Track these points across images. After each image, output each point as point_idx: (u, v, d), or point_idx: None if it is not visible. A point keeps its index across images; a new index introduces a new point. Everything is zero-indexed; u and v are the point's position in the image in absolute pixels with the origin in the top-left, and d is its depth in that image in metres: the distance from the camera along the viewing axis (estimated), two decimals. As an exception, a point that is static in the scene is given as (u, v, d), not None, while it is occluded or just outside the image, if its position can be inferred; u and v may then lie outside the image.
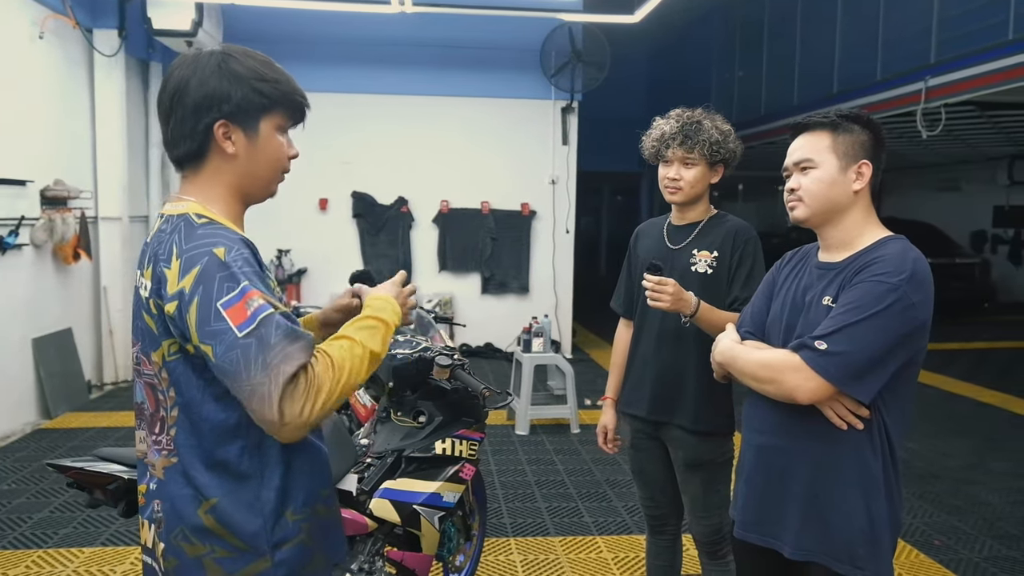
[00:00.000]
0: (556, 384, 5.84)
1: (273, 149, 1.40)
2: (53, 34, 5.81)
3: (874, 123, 1.73)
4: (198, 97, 1.33)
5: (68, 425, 5.47)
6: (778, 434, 1.75)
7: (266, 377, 1.20)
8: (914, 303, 1.57)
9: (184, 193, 1.39)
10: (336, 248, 8.04)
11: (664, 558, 2.62)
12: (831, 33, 8.59)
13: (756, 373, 1.71)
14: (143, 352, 1.36)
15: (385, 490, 2.41)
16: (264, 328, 1.22)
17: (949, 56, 6.77)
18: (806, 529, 1.69)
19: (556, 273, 8.36)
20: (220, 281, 1.23)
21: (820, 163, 1.71)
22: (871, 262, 1.63)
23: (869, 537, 1.65)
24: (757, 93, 10.27)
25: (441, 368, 2.54)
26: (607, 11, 7.53)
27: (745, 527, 1.82)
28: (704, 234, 2.38)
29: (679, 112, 2.40)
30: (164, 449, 1.35)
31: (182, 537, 1.32)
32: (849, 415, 1.63)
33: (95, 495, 1.89)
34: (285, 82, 1.40)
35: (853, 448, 1.65)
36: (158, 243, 1.32)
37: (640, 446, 2.52)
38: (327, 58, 7.62)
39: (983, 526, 3.98)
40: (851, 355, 1.56)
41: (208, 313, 1.22)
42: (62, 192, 5.72)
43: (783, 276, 1.87)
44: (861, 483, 1.65)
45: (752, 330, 1.86)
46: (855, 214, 1.71)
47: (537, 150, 8.22)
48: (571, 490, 4.39)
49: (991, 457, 5.12)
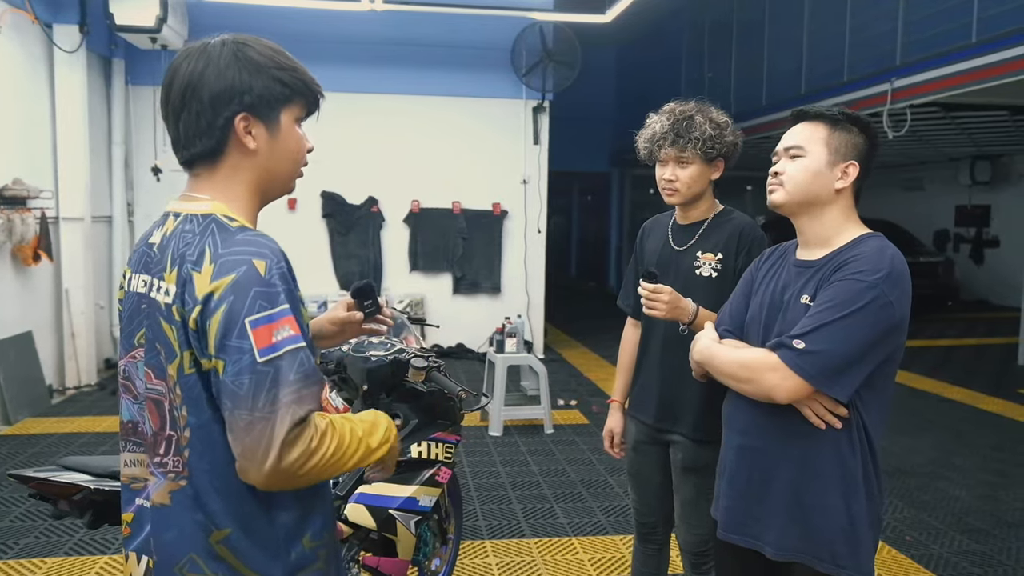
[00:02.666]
0: (529, 385, 5.83)
1: (293, 142, 1.33)
2: (12, 29, 5.65)
3: (872, 129, 1.73)
4: (217, 89, 1.22)
5: (29, 431, 5.31)
6: (758, 434, 1.75)
7: (272, 413, 1.12)
8: (891, 301, 1.58)
9: (197, 191, 1.28)
10: (306, 249, 7.90)
11: (650, 565, 2.58)
12: (799, 34, 8.70)
13: (734, 372, 1.71)
14: (150, 364, 1.25)
15: (360, 495, 2.37)
16: (287, 361, 1.14)
17: (914, 58, 6.89)
18: (788, 529, 1.69)
19: (528, 273, 8.34)
20: (255, 296, 1.14)
21: (809, 152, 1.70)
22: (848, 260, 1.63)
23: (850, 535, 1.66)
24: (727, 94, 10.35)
25: (417, 370, 2.50)
26: (578, 11, 7.54)
27: (728, 528, 1.82)
28: (708, 234, 2.29)
29: (672, 107, 2.27)
30: (171, 472, 1.23)
31: (191, 567, 1.22)
32: (827, 414, 1.63)
33: (60, 506, 1.83)
34: (302, 70, 1.34)
35: (832, 447, 1.65)
36: (184, 244, 1.21)
37: (641, 449, 2.47)
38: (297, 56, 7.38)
39: (952, 521, 4.04)
40: (829, 354, 1.56)
41: (232, 326, 1.13)
42: (21, 192, 5.56)
43: (761, 274, 1.86)
44: (841, 482, 1.65)
45: (731, 328, 1.85)
46: (834, 212, 1.71)
47: (508, 149, 8.19)
48: (546, 491, 4.37)
49: (957, 452, 5.22)
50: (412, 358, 2.51)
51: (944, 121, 8.41)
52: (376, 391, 2.52)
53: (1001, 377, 7.74)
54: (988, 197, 13.08)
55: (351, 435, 1.24)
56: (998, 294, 12.89)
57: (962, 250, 13.59)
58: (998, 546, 3.74)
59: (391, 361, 2.51)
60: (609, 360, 8.33)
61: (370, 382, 2.50)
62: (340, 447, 1.21)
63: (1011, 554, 3.65)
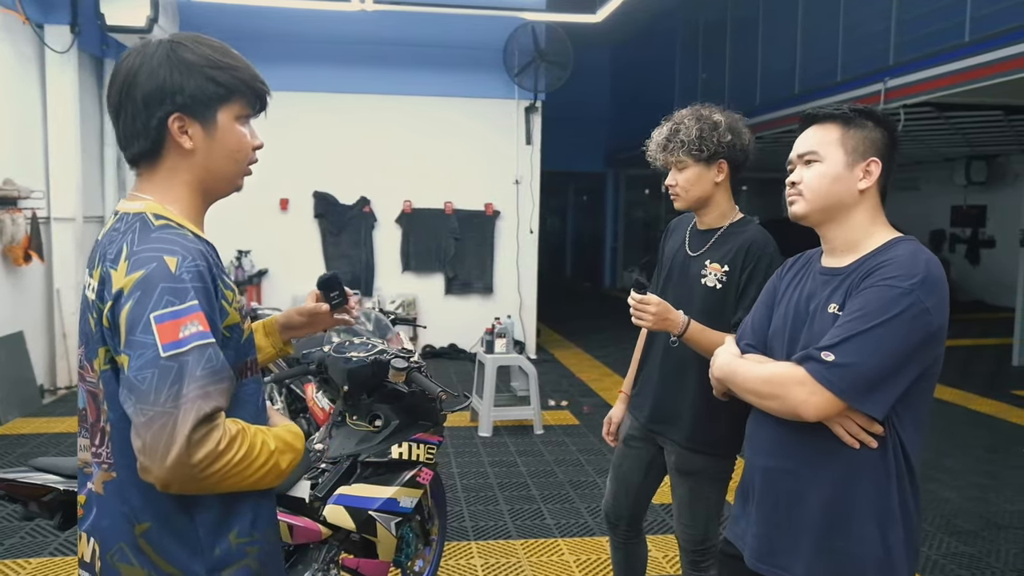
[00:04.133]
0: (519, 385, 5.82)
1: (234, 141, 1.31)
2: (2, 30, 5.66)
3: (888, 121, 1.62)
4: (148, 90, 1.24)
5: (19, 431, 5.30)
6: (785, 456, 1.62)
7: (175, 409, 1.10)
8: (928, 308, 1.45)
9: (141, 191, 1.30)
10: (297, 249, 7.93)
11: (617, 560, 2.62)
12: (792, 34, 8.69)
13: (758, 388, 1.58)
14: (87, 357, 1.27)
15: (340, 496, 2.36)
16: (193, 357, 1.13)
17: (908, 58, 6.88)
18: (819, 559, 1.57)
19: (520, 273, 8.34)
20: (161, 292, 1.14)
21: (825, 157, 1.59)
22: (880, 265, 1.51)
23: (885, 567, 1.54)
24: (720, 94, 10.34)
25: (397, 371, 2.49)
26: (570, 11, 7.53)
27: (757, 557, 1.68)
28: (720, 244, 2.24)
29: (679, 113, 2.27)
30: (104, 463, 1.26)
31: (120, 556, 1.24)
32: (861, 433, 1.50)
33: (30, 507, 1.82)
34: (243, 68, 1.31)
35: (867, 469, 1.52)
36: (109, 242, 1.24)
37: (631, 444, 2.48)
38: (287, 56, 7.50)
39: (941, 523, 4.02)
40: (861, 366, 1.44)
41: (137, 321, 1.13)
42: (12, 192, 5.56)
43: (784, 284, 1.74)
44: (876, 508, 1.53)
45: (753, 343, 1.72)
46: (860, 215, 1.60)
47: (501, 150, 8.19)
48: (534, 492, 4.37)
49: (949, 454, 5.19)
50: (392, 359, 2.51)
51: (938, 121, 8.41)
52: (357, 392, 2.51)
53: (995, 378, 7.73)
54: (984, 197, 13.07)
55: (262, 447, 1.22)
56: (994, 294, 12.88)
57: (958, 250, 13.60)
58: (987, 548, 3.71)
59: (372, 362, 2.51)
60: (602, 361, 8.32)
61: (351, 383, 2.50)
62: (248, 456, 1.18)
63: (1000, 556, 3.63)
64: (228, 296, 1.27)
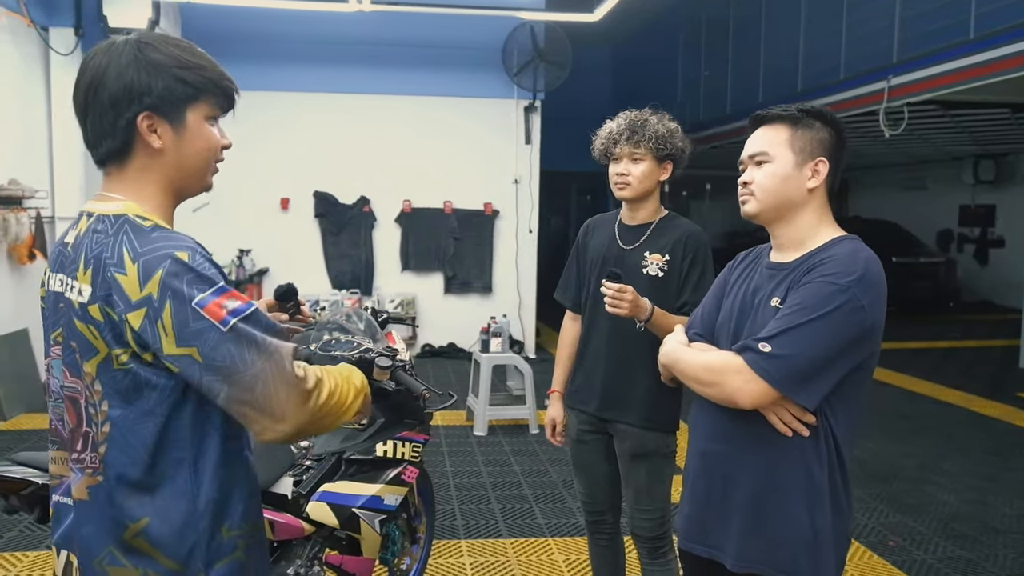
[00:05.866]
0: (515, 384, 5.83)
1: (203, 140, 1.31)
2: (7, 32, 5.72)
3: (836, 121, 1.67)
4: (115, 90, 1.23)
5: (22, 427, 5.37)
6: (722, 440, 1.69)
7: (268, 361, 1.18)
8: (863, 305, 1.51)
9: (111, 191, 1.29)
10: (298, 248, 7.97)
11: (605, 559, 2.64)
12: (795, 31, 8.66)
13: (698, 375, 1.65)
14: (67, 362, 1.26)
15: (323, 493, 2.38)
16: (247, 323, 1.19)
17: (911, 55, 6.83)
18: (749, 540, 1.64)
19: (519, 272, 8.34)
20: (190, 283, 1.17)
21: (775, 157, 1.65)
22: (821, 262, 1.57)
23: (813, 549, 1.60)
24: (723, 92, 10.32)
25: (381, 369, 2.50)
26: (568, 10, 7.53)
27: (688, 537, 1.76)
28: (656, 237, 2.40)
29: (627, 113, 2.45)
30: (89, 467, 1.25)
31: (109, 560, 1.24)
32: (794, 421, 1.57)
33: (10, 500, 1.85)
34: (210, 68, 1.31)
35: (798, 456, 1.58)
36: (95, 244, 1.21)
37: (585, 439, 2.54)
38: (287, 57, 7.52)
39: (938, 527, 3.97)
40: (795, 358, 1.50)
41: (185, 315, 1.15)
42: (16, 192, 5.63)
43: (734, 276, 1.82)
44: (806, 493, 1.59)
45: (701, 332, 1.80)
46: (808, 213, 1.66)
47: (500, 149, 8.20)
48: (526, 491, 4.38)
49: (949, 456, 5.12)
50: (377, 357, 2.52)
51: (944, 119, 8.35)
52: (342, 390, 2.54)
53: (1000, 380, 7.59)
54: (993, 196, 12.94)
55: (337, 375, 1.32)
56: (1002, 295, 12.73)
57: (966, 250, 13.45)
58: (984, 553, 3.66)
59: (356, 360, 2.51)
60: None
61: (335, 381, 2.52)
62: (336, 384, 1.29)
63: (997, 561, 3.58)
64: None
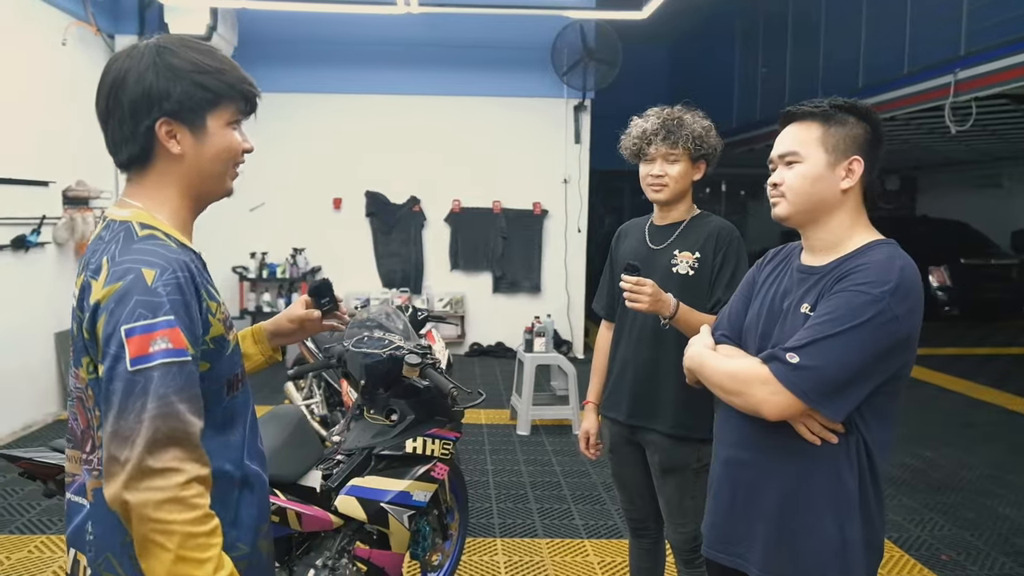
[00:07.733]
0: (559, 384, 5.82)
1: (224, 145, 1.29)
2: (76, 40, 5.98)
3: (872, 115, 1.58)
4: (135, 96, 1.22)
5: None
6: (747, 447, 1.63)
7: (138, 424, 1.09)
8: (897, 316, 1.44)
9: (130, 196, 1.29)
10: (350, 247, 8.12)
11: (646, 561, 2.59)
12: (857, 24, 8.38)
13: (723, 384, 1.59)
14: (75, 365, 1.26)
15: (352, 487, 2.42)
16: (158, 372, 1.11)
17: (980, 47, 6.52)
18: (774, 550, 1.58)
19: (568, 272, 8.33)
20: (135, 305, 1.13)
21: (806, 156, 1.56)
22: (854, 269, 1.50)
23: (843, 562, 1.54)
24: (781, 89, 10.08)
25: (410, 367, 2.55)
26: (617, 8, 7.47)
27: (712, 546, 1.72)
28: (686, 234, 2.33)
29: (658, 110, 2.34)
30: (95, 470, 1.22)
31: (106, 566, 1.22)
32: (823, 430, 1.51)
33: (49, 485, 1.95)
34: (230, 72, 1.29)
35: (828, 465, 1.53)
36: (93, 251, 1.23)
37: (619, 450, 2.49)
38: (340, 60, 7.67)
39: (997, 541, 3.78)
40: (823, 370, 1.44)
41: (111, 333, 1.13)
42: (83, 192, 5.89)
43: (763, 276, 1.75)
44: (835, 502, 1.53)
45: (728, 334, 1.74)
46: (842, 215, 1.57)
47: (549, 149, 8.19)
48: (565, 492, 4.37)
49: (1014, 468, 4.87)
50: (407, 355, 2.56)
51: (1016, 114, 7.98)
52: (374, 386, 2.58)
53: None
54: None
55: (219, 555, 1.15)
56: (1082, 297, 12.14)
57: (1043, 252, 12.85)
58: (1046, 571, 3.48)
59: (387, 357, 2.57)
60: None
61: (368, 377, 2.57)
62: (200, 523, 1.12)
63: (1058, 579, 3.41)
64: (212, 307, 1.25)
